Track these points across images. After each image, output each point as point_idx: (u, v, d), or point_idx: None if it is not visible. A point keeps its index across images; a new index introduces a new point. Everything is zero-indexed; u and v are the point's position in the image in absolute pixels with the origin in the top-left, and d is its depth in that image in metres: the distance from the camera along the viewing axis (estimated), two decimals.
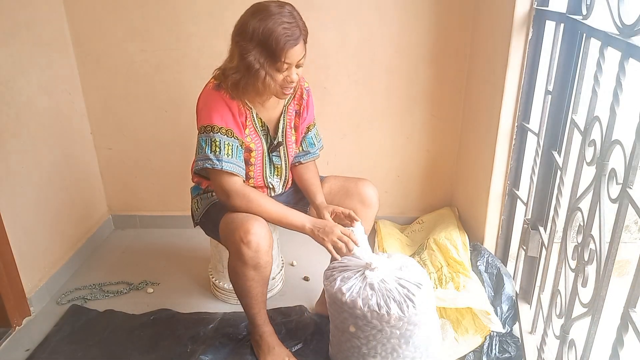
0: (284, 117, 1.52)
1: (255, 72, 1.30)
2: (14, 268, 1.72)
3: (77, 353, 1.61)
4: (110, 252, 2.26)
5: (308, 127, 1.61)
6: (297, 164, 1.64)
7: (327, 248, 1.39)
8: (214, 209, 1.50)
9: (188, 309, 1.83)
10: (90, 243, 2.25)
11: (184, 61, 2.13)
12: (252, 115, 1.44)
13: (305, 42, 1.33)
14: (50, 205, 1.97)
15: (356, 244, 1.38)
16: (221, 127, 1.37)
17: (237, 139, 1.40)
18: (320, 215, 1.51)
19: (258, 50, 1.28)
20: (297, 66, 1.34)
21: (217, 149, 1.36)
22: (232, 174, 1.38)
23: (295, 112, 1.55)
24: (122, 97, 2.20)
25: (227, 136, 1.38)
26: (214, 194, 1.55)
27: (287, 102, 1.51)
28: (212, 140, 1.37)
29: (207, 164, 1.37)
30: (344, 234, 1.38)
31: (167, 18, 2.06)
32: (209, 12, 2.05)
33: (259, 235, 1.33)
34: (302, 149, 1.63)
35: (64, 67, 2.06)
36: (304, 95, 1.55)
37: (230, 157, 1.38)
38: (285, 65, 1.30)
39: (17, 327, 1.74)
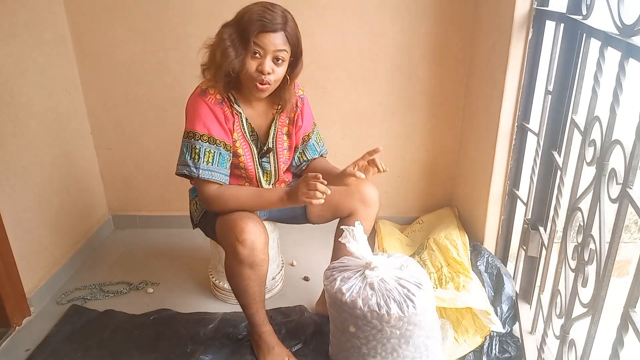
0: (275, 124, 1.50)
1: (221, 41, 1.29)
2: (14, 268, 1.72)
3: (77, 353, 1.61)
4: (110, 252, 2.26)
5: (308, 135, 1.59)
6: (303, 167, 1.64)
7: (306, 203, 1.30)
8: (211, 211, 1.50)
9: (188, 309, 1.83)
10: (90, 243, 2.25)
11: (184, 61, 2.13)
12: (241, 120, 1.43)
13: (289, 42, 1.30)
14: (50, 205, 1.97)
15: (316, 177, 1.29)
16: (202, 135, 1.36)
17: (221, 145, 1.39)
18: (344, 179, 1.40)
19: (234, 27, 1.29)
20: (276, 59, 1.30)
21: (196, 157, 1.36)
22: (209, 181, 1.38)
23: (289, 119, 1.53)
24: (122, 97, 2.20)
25: (209, 143, 1.37)
26: None
27: (279, 110, 1.49)
28: (192, 147, 1.37)
29: (184, 170, 1.39)
30: (310, 182, 1.28)
31: (167, 18, 2.06)
32: (209, 12, 2.05)
33: (253, 234, 1.34)
34: (306, 158, 1.62)
35: (64, 67, 2.06)
36: (298, 103, 1.51)
37: (210, 164, 1.37)
38: (258, 51, 1.28)
39: (17, 327, 1.74)
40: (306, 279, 2.03)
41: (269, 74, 1.30)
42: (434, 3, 2.00)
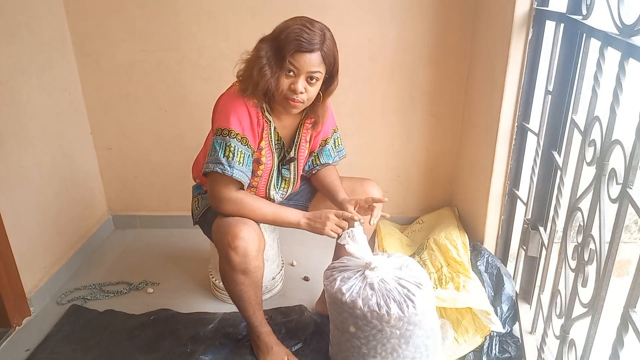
0: (299, 132, 1.49)
1: (257, 57, 1.28)
2: (14, 268, 1.72)
3: (77, 353, 1.61)
4: (110, 252, 2.26)
5: (325, 140, 1.58)
6: (313, 171, 1.62)
7: (328, 235, 1.38)
8: (211, 211, 1.50)
9: (188, 309, 1.83)
10: (90, 243, 2.25)
11: (184, 61, 2.13)
12: (270, 129, 1.42)
13: (325, 63, 1.29)
14: (50, 205, 1.97)
15: (354, 219, 1.38)
16: (237, 133, 1.34)
17: (250, 148, 1.37)
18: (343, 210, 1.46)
19: (271, 43, 1.28)
20: (310, 78, 1.30)
21: (231, 155, 1.33)
22: (237, 181, 1.36)
23: (312, 125, 1.52)
24: (122, 97, 2.20)
25: (242, 144, 1.35)
26: None
27: (305, 116, 1.48)
28: (227, 144, 1.33)
29: (217, 168, 1.34)
30: (338, 216, 1.38)
31: (167, 18, 2.06)
32: (209, 12, 2.05)
33: (247, 240, 1.32)
34: (320, 162, 1.60)
35: (64, 67, 2.06)
36: None
37: (241, 164, 1.35)
38: (292, 70, 1.27)
39: (17, 327, 1.74)
40: (306, 279, 2.03)
41: (301, 93, 1.30)
42: (434, 3, 2.00)
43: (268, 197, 1.55)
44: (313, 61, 1.26)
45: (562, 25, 1.38)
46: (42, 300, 1.88)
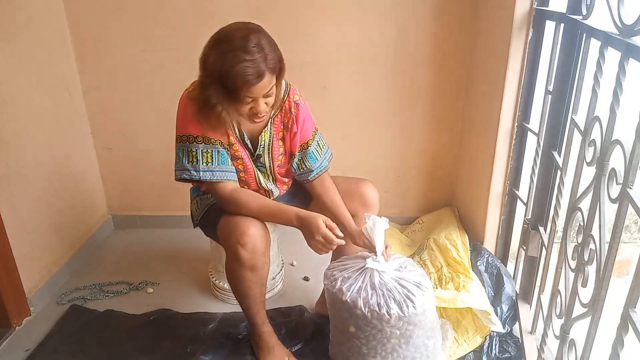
0: (269, 129, 1.46)
1: (211, 106, 1.25)
2: (14, 268, 1.72)
3: (77, 353, 1.61)
4: (110, 252, 2.26)
5: (307, 143, 1.52)
6: (305, 182, 1.57)
7: (312, 249, 1.39)
8: (213, 210, 1.50)
9: (188, 309, 1.83)
10: (90, 243, 2.25)
11: (184, 61, 2.13)
12: (232, 125, 1.40)
13: (274, 73, 1.24)
14: (50, 205, 1.97)
15: (338, 237, 1.35)
16: (197, 136, 1.35)
17: (217, 143, 1.37)
18: (357, 243, 1.46)
19: (216, 86, 1.22)
20: (266, 96, 1.27)
21: (194, 160, 1.35)
22: (217, 182, 1.37)
23: (283, 125, 1.48)
24: (122, 97, 2.20)
25: (205, 143, 1.36)
26: None
27: (273, 115, 1.45)
28: (189, 150, 1.36)
29: (184, 175, 1.37)
30: (325, 233, 1.33)
31: (167, 18, 2.06)
32: (209, 12, 2.05)
33: (255, 237, 1.34)
34: (305, 167, 1.54)
35: (64, 67, 2.06)
36: (292, 109, 1.45)
37: (209, 164, 1.36)
38: (249, 99, 1.24)
39: (17, 327, 1.74)
40: (306, 279, 2.03)
41: (263, 112, 1.29)
42: (434, 3, 2.00)
43: (265, 190, 1.55)
44: (265, 83, 1.22)
45: (562, 25, 1.38)
46: (42, 300, 1.88)
